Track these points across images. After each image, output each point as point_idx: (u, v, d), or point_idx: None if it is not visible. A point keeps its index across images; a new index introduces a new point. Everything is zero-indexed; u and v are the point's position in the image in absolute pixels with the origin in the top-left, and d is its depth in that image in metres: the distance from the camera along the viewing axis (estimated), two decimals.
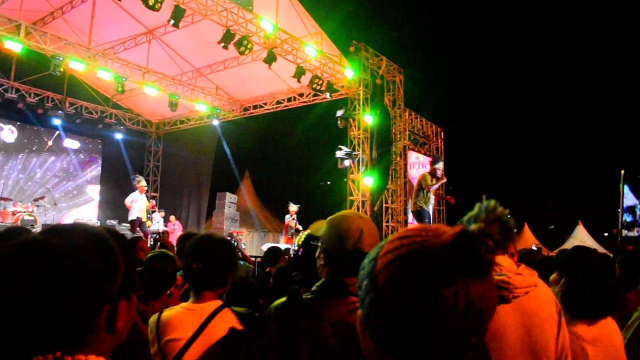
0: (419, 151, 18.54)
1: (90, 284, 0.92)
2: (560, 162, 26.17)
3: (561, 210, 23.59)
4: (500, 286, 1.76)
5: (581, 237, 19.72)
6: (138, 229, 11.88)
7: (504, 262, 1.88)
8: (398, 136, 17.07)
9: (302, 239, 2.34)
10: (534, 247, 15.26)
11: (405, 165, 17.35)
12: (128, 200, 12.10)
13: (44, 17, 14.06)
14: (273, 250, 5.41)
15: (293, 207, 13.66)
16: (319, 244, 1.83)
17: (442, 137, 19.99)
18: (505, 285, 1.79)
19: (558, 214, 24.01)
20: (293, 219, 13.62)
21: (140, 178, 12.56)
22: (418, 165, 18.10)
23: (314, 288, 1.72)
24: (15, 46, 11.95)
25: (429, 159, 17.99)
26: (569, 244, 17.82)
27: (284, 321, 1.61)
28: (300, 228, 13.33)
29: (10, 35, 11.87)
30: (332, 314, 1.60)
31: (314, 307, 1.63)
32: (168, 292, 2.79)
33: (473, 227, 0.74)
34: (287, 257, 5.26)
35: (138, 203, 11.90)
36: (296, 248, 2.35)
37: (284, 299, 1.67)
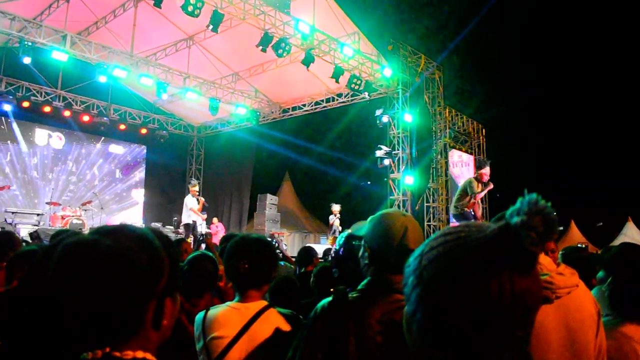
0: (460, 149, 18.26)
1: (137, 282, 0.95)
2: (609, 158, 25.34)
3: (610, 206, 22.83)
4: (543, 286, 1.72)
5: (631, 234, 19.08)
6: (191, 232, 12.04)
7: (544, 261, 1.84)
8: (438, 134, 16.87)
9: (343, 239, 2.35)
10: (579, 245, 14.86)
11: (447, 163, 17.13)
12: (189, 206, 12.17)
13: (88, 26, 14.49)
14: (306, 251, 5.44)
15: (335, 207, 13.68)
16: (362, 243, 1.81)
17: (484, 133, 19.64)
18: (548, 285, 1.75)
19: (607, 211, 23.24)
20: (337, 218, 13.65)
21: (194, 182, 12.74)
22: (461, 164, 17.84)
23: (360, 287, 1.72)
24: (61, 56, 12.38)
25: (472, 157, 17.74)
26: (617, 241, 17.26)
27: (330, 321, 1.60)
28: (340, 229, 13.34)
29: (57, 46, 12.29)
30: (379, 312, 1.59)
31: (361, 306, 1.62)
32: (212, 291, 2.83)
33: (516, 220, 0.73)
34: (329, 256, 5.27)
35: (191, 207, 12.07)
36: (337, 248, 2.35)
37: (330, 298, 1.67)
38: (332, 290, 1.69)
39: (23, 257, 2.21)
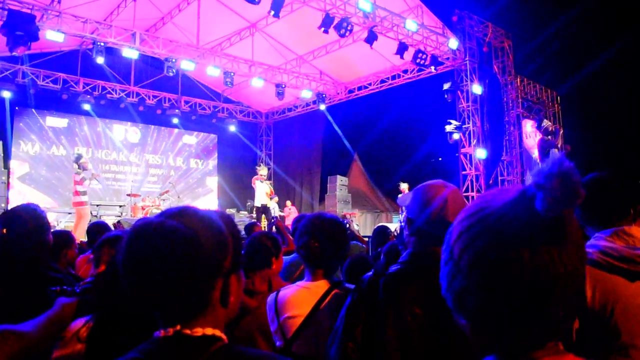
0: (534, 119, 17.55)
1: (203, 261, 0.97)
2: None
3: None
4: (636, 261, 1.64)
5: None
6: (263, 215, 12.35)
7: (637, 233, 1.73)
8: (510, 104, 16.28)
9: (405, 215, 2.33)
10: None
11: (520, 134, 16.52)
12: (258, 190, 12.52)
13: (155, 23, 14.95)
14: (381, 230, 5.42)
15: (403, 185, 13.53)
16: (405, 215, 1.81)
17: (559, 101, 18.76)
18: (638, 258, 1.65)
19: None
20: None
21: (261, 167, 13.01)
22: (535, 134, 17.17)
23: (401, 259, 1.70)
24: (132, 53, 12.90)
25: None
26: None
27: (367, 297, 1.62)
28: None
29: (127, 44, 12.77)
30: (417, 285, 1.58)
31: (399, 280, 1.61)
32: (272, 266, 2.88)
33: (532, 183, 0.69)
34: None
35: (260, 191, 12.35)
36: (401, 223, 2.35)
37: (369, 274, 1.68)
38: None
39: (109, 242, 2.33)
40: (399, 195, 1.92)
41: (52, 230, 2.72)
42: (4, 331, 1.48)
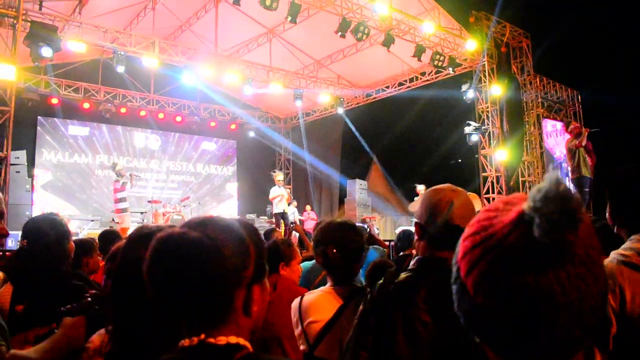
0: (554, 118, 17.35)
1: (225, 271, 0.99)
2: None
3: None
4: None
5: None
6: (281, 221, 12.40)
7: None
8: (530, 104, 16.13)
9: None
10: None
11: (541, 134, 16.34)
12: (272, 196, 12.60)
13: (173, 31, 15.12)
14: (406, 234, 5.36)
15: (420, 187, 13.43)
16: (414, 220, 1.81)
17: (579, 100, 18.52)
18: None
19: None
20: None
21: (277, 172, 13.08)
22: (556, 133, 16.96)
23: (411, 265, 1.70)
24: (151, 62, 13.05)
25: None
26: None
27: (378, 304, 1.62)
28: None
29: (147, 53, 12.94)
30: (426, 291, 1.58)
31: (408, 286, 1.61)
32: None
33: (524, 206, 0.65)
34: None
35: (270, 196, 12.41)
36: None
37: (380, 281, 1.68)
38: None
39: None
40: (412, 202, 1.93)
41: (74, 238, 2.76)
42: (14, 356, 1.51)
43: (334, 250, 2.21)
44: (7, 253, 6.20)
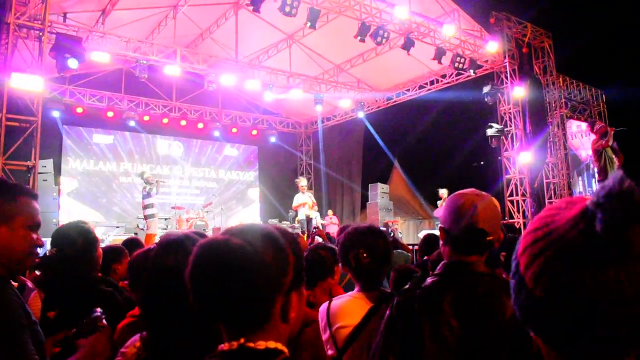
0: (578, 119, 17.11)
1: (266, 278, 1.02)
2: None
3: None
4: None
5: None
6: (305, 226, 12.45)
7: None
8: (553, 105, 15.93)
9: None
10: None
11: (565, 135, 16.12)
12: (295, 204, 12.67)
13: (194, 39, 15.29)
14: (430, 238, 5.33)
15: (442, 191, 13.35)
16: (439, 225, 1.81)
17: (604, 99, 18.23)
18: None
19: None
20: (443, 201, 13.33)
21: (301, 179, 13.15)
22: (580, 134, 16.73)
23: (437, 270, 1.71)
24: (173, 70, 13.24)
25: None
26: None
27: (404, 310, 1.62)
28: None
29: (168, 61, 13.11)
30: (452, 296, 1.58)
31: (434, 291, 1.62)
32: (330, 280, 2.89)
33: (591, 202, 0.66)
34: None
35: (301, 203, 12.45)
36: None
37: (406, 287, 1.69)
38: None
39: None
40: (436, 209, 1.94)
41: (101, 244, 2.81)
42: None
43: (364, 255, 2.22)
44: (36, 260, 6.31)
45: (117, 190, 16.79)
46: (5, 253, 1.51)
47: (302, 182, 12.81)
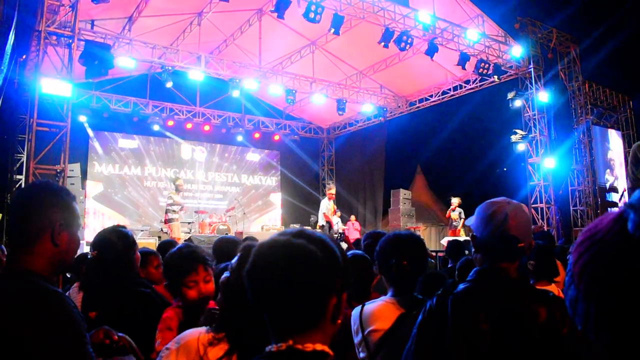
0: (604, 125, 16.87)
1: (323, 277, 1.04)
2: None
3: None
4: None
5: None
6: (328, 232, 12.44)
7: None
8: (579, 111, 15.73)
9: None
10: None
11: (590, 142, 15.91)
12: (322, 210, 12.66)
13: (218, 45, 15.43)
14: (455, 244, 5.33)
15: (454, 200, 13.25)
16: (471, 232, 1.83)
17: (631, 106, 17.94)
18: None
19: None
20: (453, 210, 13.21)
21: (330, 185, 13.19)
22: (606, 141, 16.50)
23: (469, 277, 1.72)
24: (197, 75, 13.42)
25: (619, 131, 16.34)
26: None
27: (436, 316, 1.64)
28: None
29: (193, 67, 13.26)
30: (484, 302, 1.60)
31: (467, 298, 1.63)
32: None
33: (627, 204, 0.68)
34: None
35: (325, 209, 12.45)
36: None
37: (439, 292, 1.71)
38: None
39: None
40: (468, 218, 1.95)
41: None
42: None
43: (405, 262, 2.24)
44: None
45: (141, 194, 16.99)
46: (66, 257, 1.57)
47: (332, 189, 12.79)
